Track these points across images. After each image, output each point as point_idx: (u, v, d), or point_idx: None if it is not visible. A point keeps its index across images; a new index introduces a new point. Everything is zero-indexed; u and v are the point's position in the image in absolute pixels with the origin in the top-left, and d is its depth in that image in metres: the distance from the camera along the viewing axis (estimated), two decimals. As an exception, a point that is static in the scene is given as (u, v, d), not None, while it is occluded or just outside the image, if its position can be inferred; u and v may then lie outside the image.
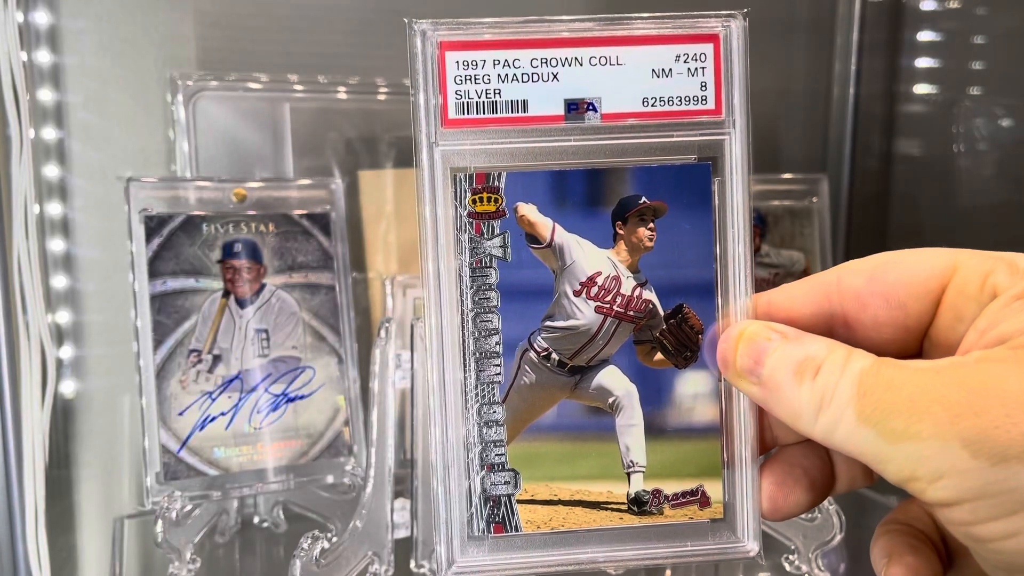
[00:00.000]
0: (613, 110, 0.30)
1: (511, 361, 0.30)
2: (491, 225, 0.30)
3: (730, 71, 0.30)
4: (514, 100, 0.30)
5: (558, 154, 0.30)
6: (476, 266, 0.30)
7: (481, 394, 0.30)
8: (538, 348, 0.31)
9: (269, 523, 0.66)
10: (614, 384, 0.31)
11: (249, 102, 0.70)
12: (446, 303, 0.30)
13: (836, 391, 0.25)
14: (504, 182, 0.30)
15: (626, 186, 0.30)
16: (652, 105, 0.30)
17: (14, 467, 0.60)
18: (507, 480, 0.30)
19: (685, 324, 0.30)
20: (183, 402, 0.59)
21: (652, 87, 0.30)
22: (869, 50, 0.88)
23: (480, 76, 0.29)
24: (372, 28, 0.75)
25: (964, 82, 0.81)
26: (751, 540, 0.31)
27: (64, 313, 0.70)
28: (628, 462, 0.31)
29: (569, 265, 0.30)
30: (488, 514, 0.30)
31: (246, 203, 0.62)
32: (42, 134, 0.68)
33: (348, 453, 0.63)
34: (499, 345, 0.30)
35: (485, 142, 0.30)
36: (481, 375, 0.30)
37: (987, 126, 0.79)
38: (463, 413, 0.30)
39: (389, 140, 0.74)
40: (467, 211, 0.30)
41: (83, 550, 0.68)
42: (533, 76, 0.30)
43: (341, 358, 0.64)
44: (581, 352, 0.31)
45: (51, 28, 0.68)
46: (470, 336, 0.30)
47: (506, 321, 0.30)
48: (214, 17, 0.72)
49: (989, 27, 0.79)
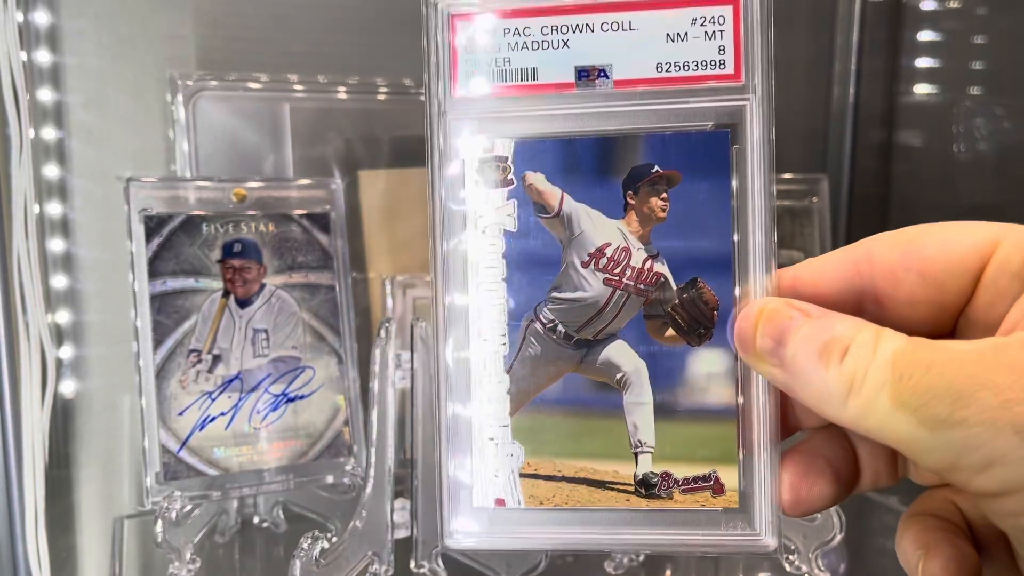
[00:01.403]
0: (625, 76, 0.29)
1: (516, 332, 0.30)
2: (500, 195, 0.30)
3: (751, 33, 0.29)
4: (524, 68, 0.29)
5: (568, 122, 0.29)
6: (483, 235, 0.29)
7: (485, 365, 0.29)
8: (544, 320, 0.30)
9: (269, 523, 0.66)
10: (622, 359, 0.30)
11: (249, 102, 0.70)
12: (452, 273, 0.29)
13: (868, 373, 0.24)
14: (513, 151, 0.29)
15: (638, 154, 0.29)
16: (666, 71, 0.29)
17: (14, 467, 0.60)
18: (510, 453, 0.30)
19: (699, 299, 0.29)
20: (183, 402, 0.59)
21: (666, 52, 0.29)
22: (869, 50, 0.88)
23: (489, 45, 0.29)
24: (372, 28, 0.75)
25: (964, 82, 0.81)
26: (768, 534, 0.29)
27: (64, 313, 0.70)
28: (636, 441, 0.30)
29: (577, 235, 0.30)
30: (490, 486, 0.29)
31: (246, 203, 0.62)
32: (42, 134, 0.68)
33: (348, 453, 0.63)
34: (504, 316, 0.30)
35: (494, 111, 0.29)
36: (486, 346, 0.29)
37: (987, 126, 0.79)
38: (467, 383, 0.29)
39: (389, 140, 0.74)
40: (476, 179, 0.29)
41: (83, 550, 0.68)
42: (543, 44, 0.29)
43: (341, 358, 0.64)
44: (588, 325, 0.30)
45: (51, 28, 0.68)
46: (474, 306, 0.29)
47: (512, 292, 0.30)
48: (214, 17, 0.72)
49: (989, 27, 0.79)
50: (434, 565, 0.55)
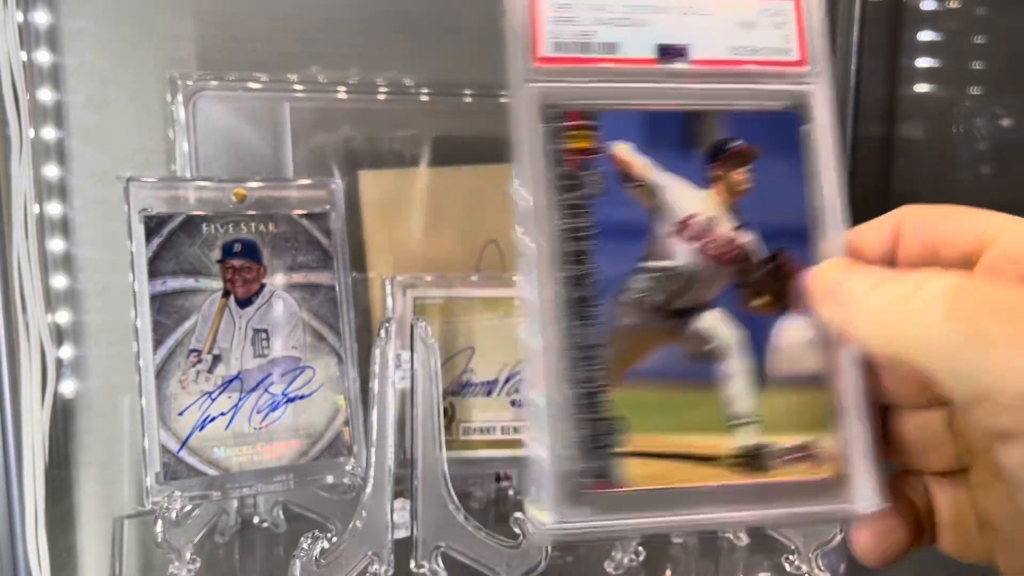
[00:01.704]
0: (703, 56, 0.30)
1: (608, 303, 0.29)
2: (585, 163, 0.29)
3: (811, 26, 0.31)
4: (606, 42, 0.30)
5: (650, 96, 0.30)
6: (570, 204, 0.29)
7: (577, 338, 0.28)
8: (635, 290, 0.29)
9: (269, 523, 0.66)
10: (716, 329, 0.29)
11: (249, 102, 0.70)
12: (540, 244, 0.28)
13: (925, 284, 0.24)
14: (599, 120, 0.30)
15: (719, 130, 0.30)
16: (740, 54, 0.31)
17: (14, 467, 0.60)
18: (608, 431, 0.28)
19: (783, 269, 0.30)
20: (183, 402, 0.59)
21: (740, 37, 0.31)
22: (869, 50, 0.88)
23: (573, 18, 0.30)
24: (372, 28, 0.75)
25: (965, 82, 0.81)
26: (869, 499, 0.28)
27: (64, 313, 0.70)
28: (734, 413, 0.29)
29: (664, 205, 0.30)
30: (588, 468, 0.28)
31: (246, 203, 0.62)
32: (42, 134, 0.68)
33: (348, 453, 0.63)
34: (595, 287, 0.29)
35: (579, 80, 0.30)
36: (577, 318, 0.29)
37: (987, 126, 0.79)
38: (558, 360, 0.28)
39: (389, 140, 0.74)
40: (562, 147, 0.29)
41: (83, 550, 0.68)
42: (625, 20, 0.30)
43: (341, 358, 0.63)
44: (679, 295, 0.29)
45: (51, 28, 0.68)
46: (563, 277, 0.29)
47: (601, 262, 0.29)
48: (214, 17, 0.72)
49: (990, 27, 0.79)
50: (434, 565, 0.55)
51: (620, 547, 0.59)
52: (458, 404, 0.64)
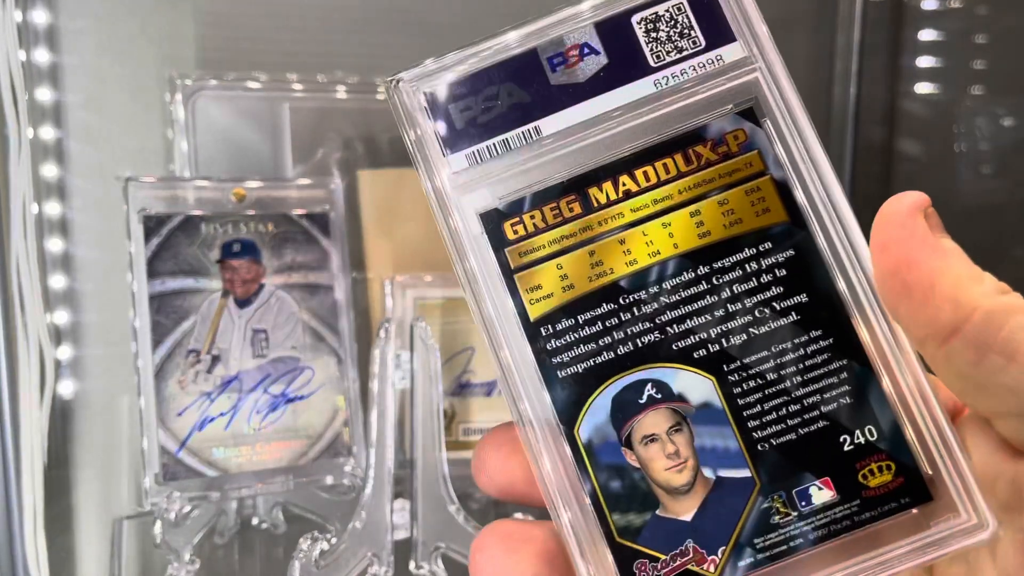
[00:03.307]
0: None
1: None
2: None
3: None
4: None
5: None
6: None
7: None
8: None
9: (268, 524, 0.66)
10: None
11: (248, 102, 0.70)
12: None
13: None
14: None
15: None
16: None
17: (12, 468, 0.60)
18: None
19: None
20: (182, 403, 0.59)
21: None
22: (870, 50, 0.88)
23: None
24: (372, 28, 0.75)
25: (966, 81, 0.81)
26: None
27: (62, 313, 0.70)
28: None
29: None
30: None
31: (245, 203, 0.62)
32: (40, 133, 0.68)
33: (347, 454, 0.63)
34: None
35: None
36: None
37: (989, 125, 0.79)
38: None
39: (389, 140, 0.74)
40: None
41: (82, 551, 0.68)
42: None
43: (340, 358, 0.63)
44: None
45: (49, 27, 0.68)
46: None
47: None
48: (214, 17, 0.72)
49: (990, 26, 0.79)
50: (434, 566, 0.55)
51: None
52: (458, 404, 0.64)
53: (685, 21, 0.26)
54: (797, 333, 0.25)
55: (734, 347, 0.25)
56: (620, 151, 0.26)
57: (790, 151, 0.25)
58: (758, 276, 0.25)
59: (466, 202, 0.25)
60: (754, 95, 0.25)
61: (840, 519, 0.24)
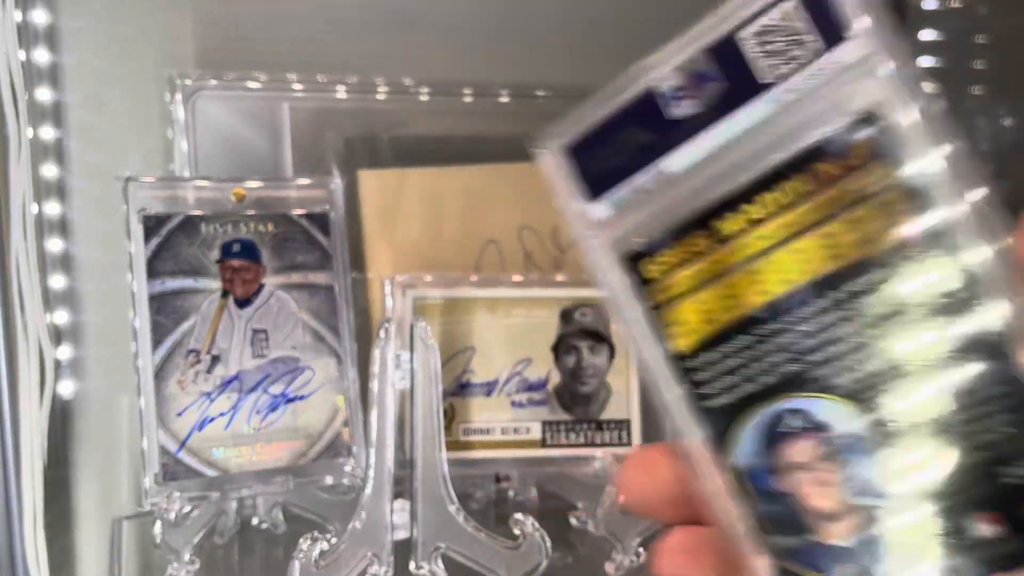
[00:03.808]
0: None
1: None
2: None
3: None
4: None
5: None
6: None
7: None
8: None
9: (268, 524, 0.66)
10: None
11: (248, 101, 0.70)
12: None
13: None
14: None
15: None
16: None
17: (12, 468, 0.60)
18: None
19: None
20: (182, 403, 0.59)
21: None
22: (870, 49, 0.88)
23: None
24: (372, 28, 0.75)
25: (966, 81, 0.81)
26: None
27: (62, 313, 0.70)
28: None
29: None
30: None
31: (245, 203, 0.62)
32: (40, 133, 0.68)
33: (347, 454, 0.63)
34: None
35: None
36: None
37: (989, 125, 0.79)
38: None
39: (389, 140, 0.74)
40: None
41: (81, 551, 0.68)
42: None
43: (340, 358, 0.63)
44: None
45: (49, 27, 0.68)
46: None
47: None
48: (214, 17, 0.72)
49: (990, 26, 0.79)
50: (434, 566, 0.55)
51: (621, 548, 0.59)
52: (458, 404, 0.64)
53: (797, 27, 0.24)
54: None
55: (878, 374, 0.23)
56: (743, 179, 0.25)
57: (919, 157, 0.24)
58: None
59: (610, 248, 0.26)
60: (877, 99, 0.24)
61: (1008, 555, 0.22)
